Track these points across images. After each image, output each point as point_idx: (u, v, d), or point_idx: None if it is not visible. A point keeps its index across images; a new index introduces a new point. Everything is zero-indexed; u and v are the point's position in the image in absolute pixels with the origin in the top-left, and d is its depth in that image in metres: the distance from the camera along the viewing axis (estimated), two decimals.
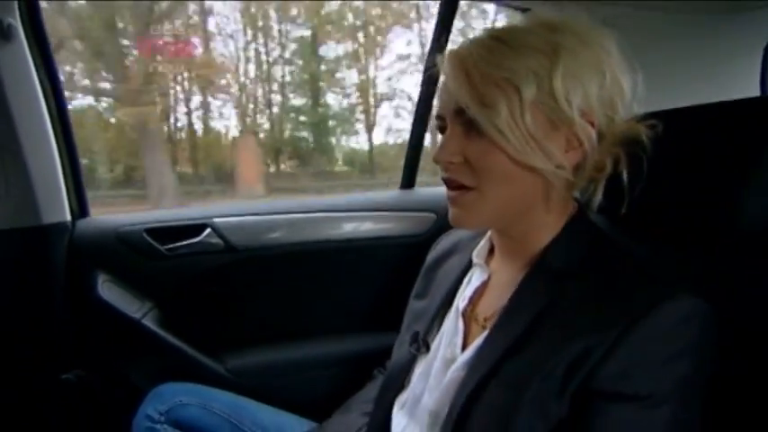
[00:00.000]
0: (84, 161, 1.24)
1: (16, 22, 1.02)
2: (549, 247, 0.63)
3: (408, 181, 1.43)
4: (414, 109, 1.37)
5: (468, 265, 0.75)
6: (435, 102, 0.65)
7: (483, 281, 0.71)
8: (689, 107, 0.72)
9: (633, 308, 0.53)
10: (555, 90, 0.56)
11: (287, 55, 3.46)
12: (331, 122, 3.66)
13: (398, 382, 0.75)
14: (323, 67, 3.55)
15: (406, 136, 1.39)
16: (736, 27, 1.27)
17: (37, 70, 1.08)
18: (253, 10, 3.29)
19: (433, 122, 0.73)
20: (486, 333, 0.63)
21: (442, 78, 0.63)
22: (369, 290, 1.31)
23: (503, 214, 0.62)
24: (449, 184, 0.62)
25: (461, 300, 0.71)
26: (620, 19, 1.19)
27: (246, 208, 1.29)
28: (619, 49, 0.61)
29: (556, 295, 0.58)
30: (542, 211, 0.63)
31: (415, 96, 1.37)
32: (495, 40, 0.58)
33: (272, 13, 3.38)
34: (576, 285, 0.58)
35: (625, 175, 0.61)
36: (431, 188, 1.45)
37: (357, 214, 1.32)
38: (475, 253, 0.74)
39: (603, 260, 0.60)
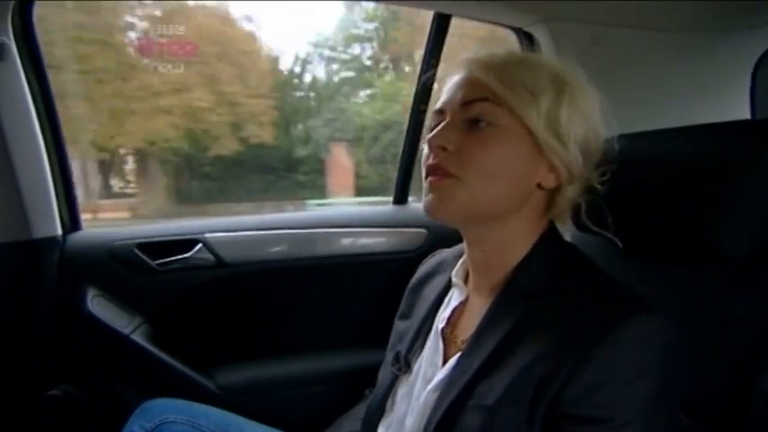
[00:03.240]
0: None
1: (9, 41, 1.03)
2: (519, 266, 0.64)
3: (401, 196, 1.44)
4: (406, 124, 1.38)
5: (449, 285, 0.76)
6: (440, 100, 0.66)
7: (461, 301, 0.71)
8: (677, 128, 0.72)
9: (594, 329, 0.53)
10: (560, 113, 0.60)
11: None
12: None
13: (382, 404, 0.75)
14: None
15: None
16: (726, 46, 1.29)
17: (30, 86, 1.09)
18: None
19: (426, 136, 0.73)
20: (459, 354, 0.63)
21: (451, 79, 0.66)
22: (360, 306, 1.31)
23: (475, 211, 0.63)
24: (433, 170, 0.62)
25: (440, 320, 0.72)
26: (609, 37, 1.21)
27: (237, 223, 1.29)
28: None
29: (523, 316, 0.59)
30: (515, 220, 0.64)
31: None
32: (511, 56, 0.63)
33: None
34: (543, 306, 0.59)
35: (585, 218, 0.65)
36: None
37: (349, 230, 1.32)
38: (453, 273, 0.74)
39: (571, 280, 0.61)
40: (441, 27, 1.24)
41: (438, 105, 0.65)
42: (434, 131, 0.62)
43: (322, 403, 1.17)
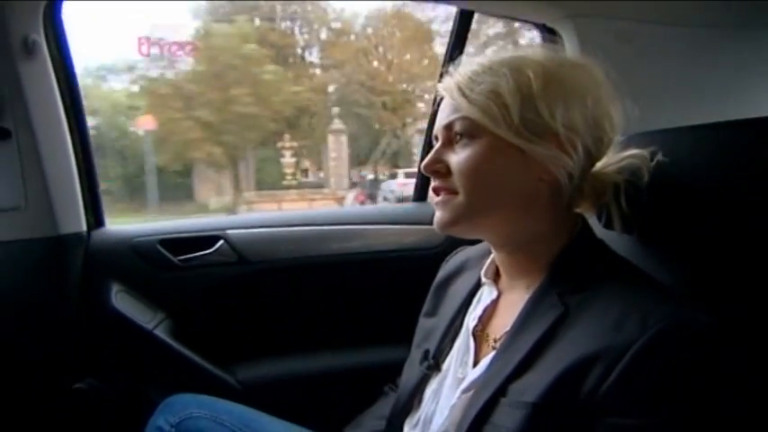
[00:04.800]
0: None
1: (40, 39, 1.05)
2: (554, 264, 0.63)
3: (421, 194, 1.44)
4: (427, 122, 1.38)
5: (478, 284, 0.75)
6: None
7: (492, 299, 0.70)
8: (706, 124, 0.71)
9: (633, 327, 0.52)
10: (537, 103, 0.60)
11: None
12: None
13: (410, 401, 0.75)
14: None
15: None
16: (753, 42, 1.26)
17: (59, 84, 1.11)
18: None
19: None
20: (493, 353, 0.63)
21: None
22: (381, 303, 1.31)
23: (481, 219, 0.65)
24: (436, 191, 0.66)
25: (471, 319, 0.71)
26: (634, 34, 1.19)
27: (259, 220, 1.30)
28: (611, 73, 0.64)
29: (561, 314, 0.58)
30: (530, 222, 0.64)
31: None
32: (480, 65, 0.64)
33: None
34: (581, 304, 0.58)
35: (623, 201, 0.64)
36: None
37: (369, 227, 1.33)
38: (483, 271, 0.74)
39: (606, 279, 0.60)
40: (463, 24, 1.24)
41: (434, 132, 0.69)
42: (425, 159, 0.67)
43: (342, 400, 1.16)
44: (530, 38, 1.31)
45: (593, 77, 0.63)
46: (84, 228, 1.20)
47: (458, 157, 0.63)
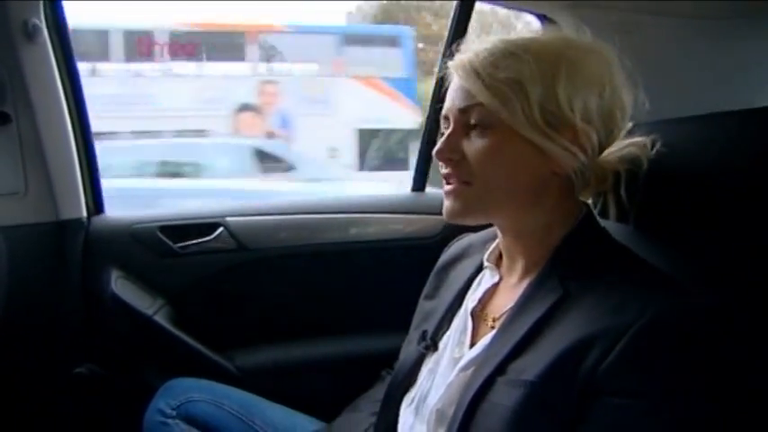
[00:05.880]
0: None
1: (41, 23, 1.05)
2: (557, 250, 0.64)
3: (419, 183, 1.43)
4: (426, 112, 1.37)
5: (480, 268, 0.76)
6: (444, 105, 0.68)
7: (494, 283, 0.71)
8: (708, 115, 0.71)
9: (633, 310, 0.53)
10: (558, 95, 0.59)
11: None
12: None
13: (406, 379, 0.76)
14: None
15: None
16: (757, 32, 1.26)
17: (59, 69, 1.11)
18: None
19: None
20: (493, 332, 0.64)
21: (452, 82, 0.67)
22: (379, 291, 1.31)
23: (492, 211, 0.65)
24: (447, 179, 0.65)
25: (471, 301, 0.72)
26: (635, 24, 1.19)
27: (259, 208, 1.30)
28: (623, 60, 0.63)
29: (561, 297, 0.59)
30: (540, 211, 0.64)
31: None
32: (499, 48, 0.61)
33: None
34: (582, 288, 0.59)
35: (623, 191, 0.65)
36: (441, 191, 1.44)
37: (368, 216, 1.33)
38: (486, 255, 0.74)
39: (608, 265, 0.61)
40: (464, 13, 1.23)
41: (443, 111, 0.67)
42: (438, 144, 0.65)
43: (341, 386, 1.17)
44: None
45: (609, 63, 0.62)
46: (85, 213, 1.21)
47: (474, 147, 0.62)
